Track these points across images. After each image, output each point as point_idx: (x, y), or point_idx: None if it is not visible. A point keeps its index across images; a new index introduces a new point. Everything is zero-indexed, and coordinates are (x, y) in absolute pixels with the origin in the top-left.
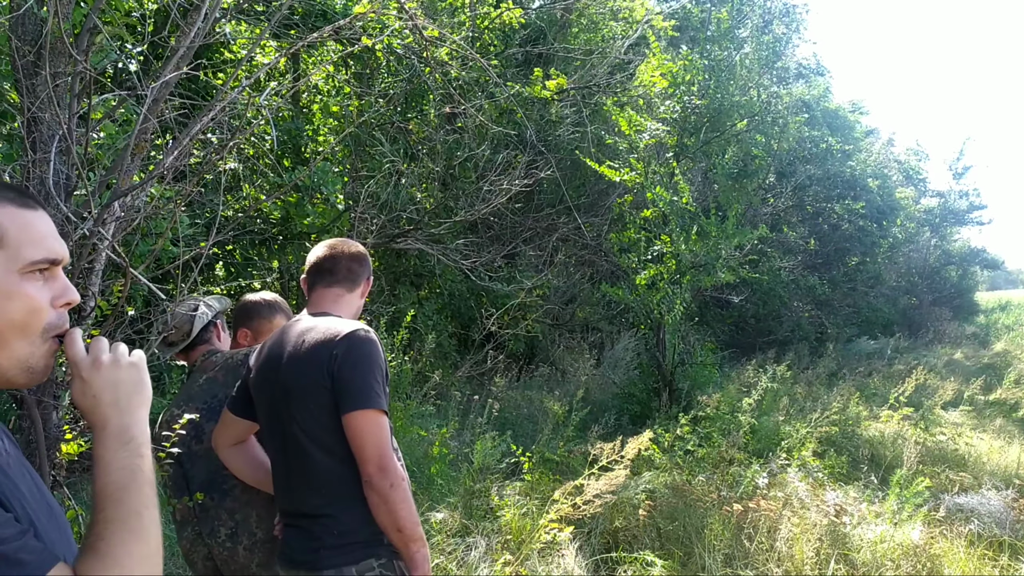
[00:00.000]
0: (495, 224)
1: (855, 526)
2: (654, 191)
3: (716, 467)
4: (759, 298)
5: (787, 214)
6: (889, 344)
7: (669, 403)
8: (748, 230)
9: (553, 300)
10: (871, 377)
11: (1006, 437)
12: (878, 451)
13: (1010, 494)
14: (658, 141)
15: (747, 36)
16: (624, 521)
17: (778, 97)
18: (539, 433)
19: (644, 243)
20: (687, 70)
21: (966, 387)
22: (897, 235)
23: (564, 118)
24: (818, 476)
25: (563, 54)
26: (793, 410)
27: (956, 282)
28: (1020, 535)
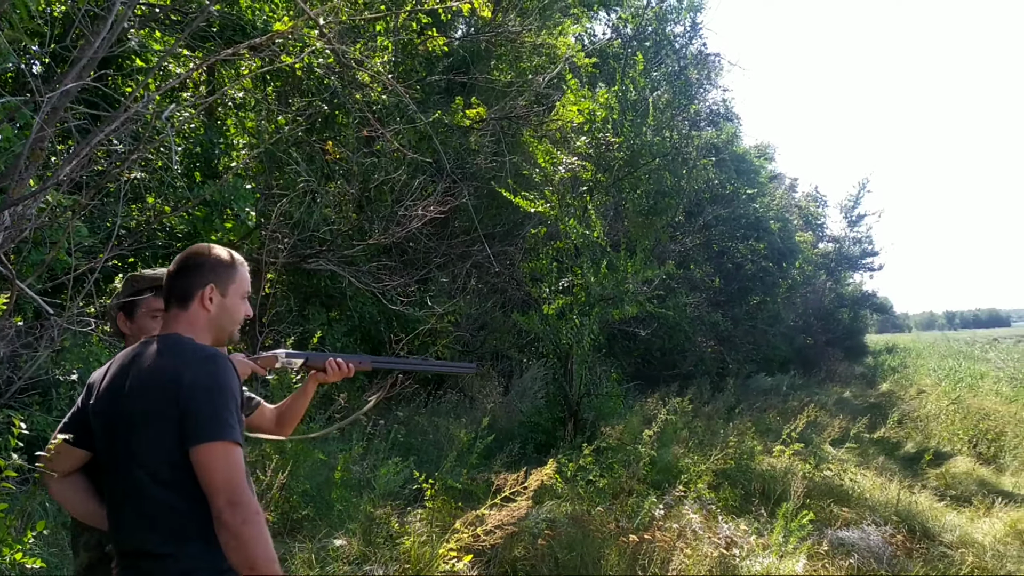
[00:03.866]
0: (409, 249)
1: (744, 558)
2: (567, 223)
3: (616, 498)
4: (665, 332)
5: (694, 252)
6: (785, 381)
7: (574, 433)
8: (656, 266)
9: (464, 327)
10: (767, 413)
11: (887, 474)
12: (769, 485)
13: (888, 530)
14: (573, 175)
15: (662, 79)
16: (523, 550)
17: (689, 139)
18: (443, 460)
19: (556, 274)
20: (603, 107)
21: (853, 425)
22: (795, 277)
23: (483, 147)
24: (712, 508)
25: (485, 84)
26: (692, 443)
27: (848, 324)
28: (897, 570)
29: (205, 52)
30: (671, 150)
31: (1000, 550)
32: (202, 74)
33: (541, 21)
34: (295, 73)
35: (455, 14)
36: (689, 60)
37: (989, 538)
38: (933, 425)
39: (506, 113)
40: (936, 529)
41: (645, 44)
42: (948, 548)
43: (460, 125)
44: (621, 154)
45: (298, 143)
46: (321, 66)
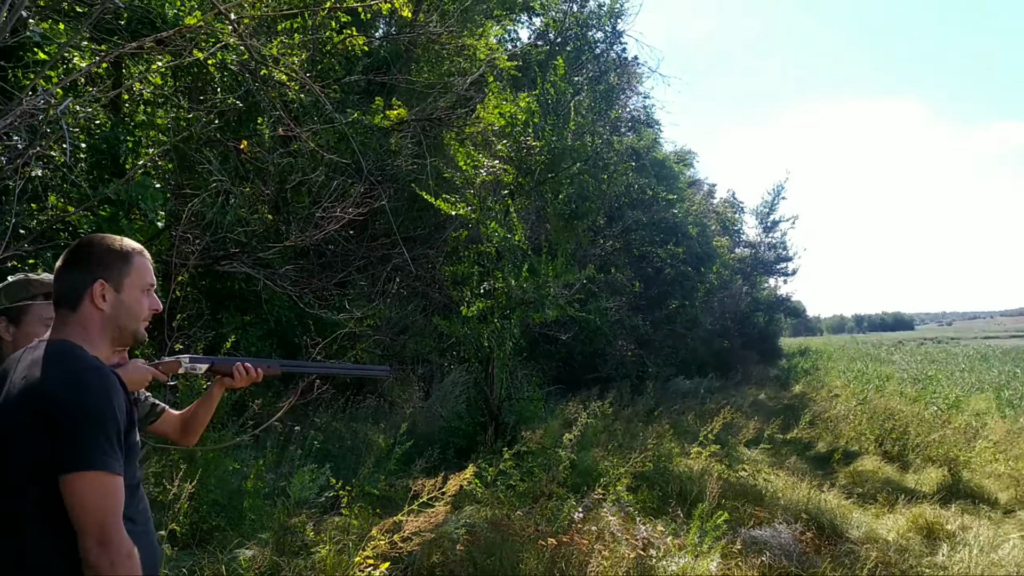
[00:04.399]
0: (327, 251)
1: (660, 559)
2: (488, 227)
3: (536, 501)
4: (586, 336)
5: (615, 256)
6: (703, 384)
7: (494, 437)
8: (577, 270)
9: (384, 331)
10: (685, 415)
11: (799, 474)
12: (686, 486)
13: (799, 527)
14: (495, 178)
15: (584, 84)
16: (442, 556)
17: (610, 144)
18: (361, 466)
19: (477, 277)
20: (524, 111)
21: (767, 426)
22: (713, 281)
23: (403, 149)
24: (630, 510)
25: (406, 85)
26: (612, 446)
27: (763, 327)
28: (806, 567)
29: (111, 45)
30: (592, 155)
31: (903, 545)
32: (108, 68)
33: (463, 23)
34: (208, 69)
35: (375, 13)
36: (610, 66)
37: (893, 534)
38: (842, 425)
39: (427, 115)
40: (843, 526)
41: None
42: (854, 544)
43: (380, 126)
44: (542, 158)
45: (211, 141)
46: (235, 63)
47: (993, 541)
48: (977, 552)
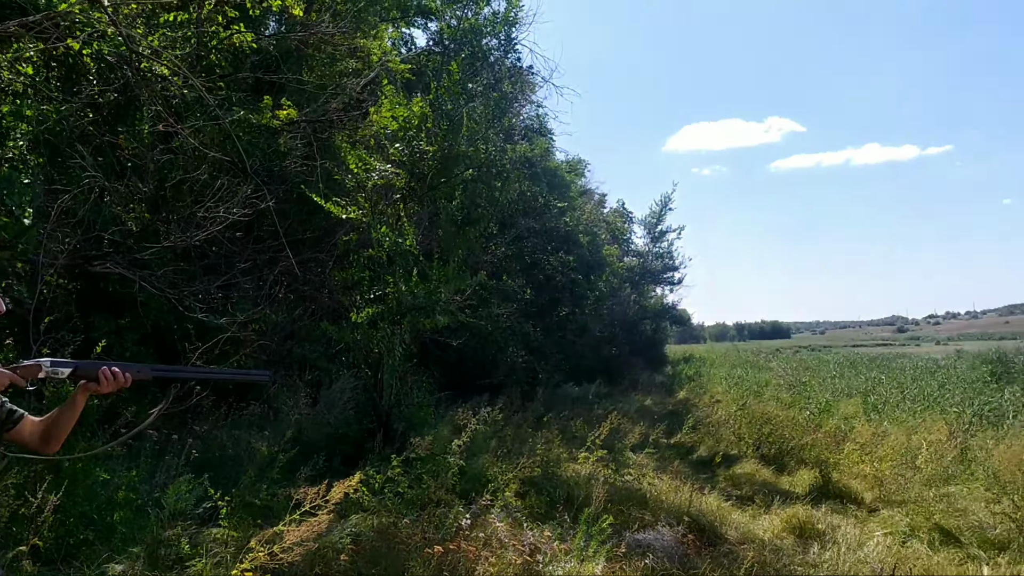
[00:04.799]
0: (211, 253)
1: (547, 564)
2: (380, 231)
3: (424, 509)
4: (478, 342)
5: (506, 263)
6: (591, 390)
7: (383, 444)
8: (468, 276)
9: (270, 336)
10: (574, 421)
11: (681, 477)
12: (574, 491)
13: (681, 530)
14: (387, 182)
15: (478, 91)
16: (325, 567)
17: (504, 151)
18: (243, 476)
19: (367, 282)
20: (418, 115)
21: (652, 431)
22: (603, 289)
23: (293, 150)
24: (518, 516)
25: (296, 85)
26: (502, 452)
27: (650, 335)
28: (687, 568)
29: None
30: (485, 161)
31: (777, 544)
32: None
33: (356, 24)
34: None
35: (266, 10)
36: (504, 74)
37: (768, 534)
38: (723, 430)
39: (318, 116)
40: (723, 528)
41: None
42: (733, 545)
43: (269, 126)
44: (435, 163)
45: (85, 136)
46: (112, 54)
47: (859, 539)
48: (845, 550)
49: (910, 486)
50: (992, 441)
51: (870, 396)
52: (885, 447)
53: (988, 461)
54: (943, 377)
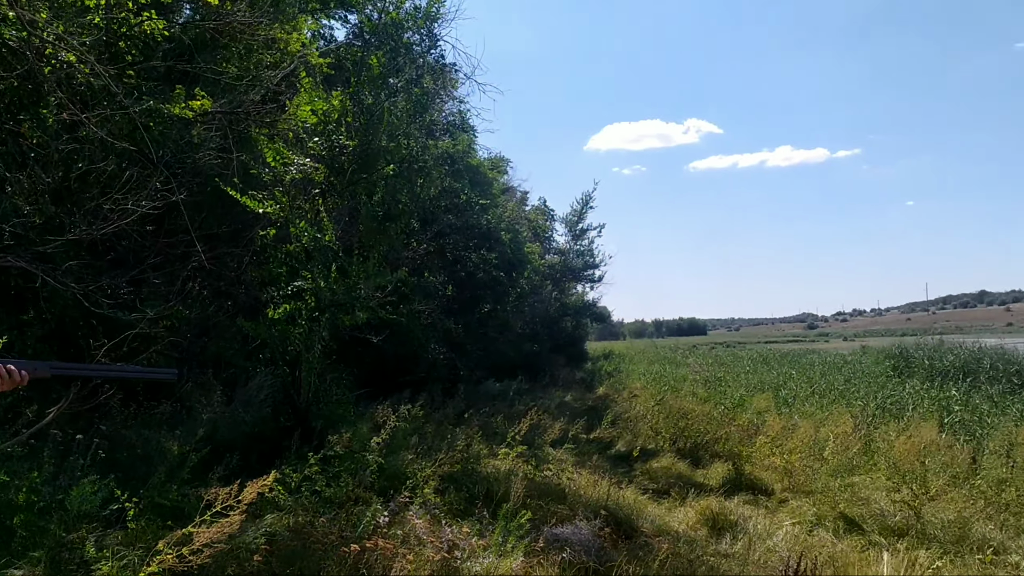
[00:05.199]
0: (119, 247)
1: (465, 560)
2: (298, 226)
3: (342, 507)
4: (398, 339)
5: (428, 259)
6: (512, 386)
7: (300, 442)
8: (389, 272)
9: (183, 333)
10: (494, 417)
11: (600, 472)
12: (493, 487)
13: (598, 524)
14: (305, 176)
15: (399, 86)
16: (237, 568)
17: (425, 147)
18: (152, 476)
19: (285, 278)
20: (338, 109)
21: (572, 427)
22: (524, 286)
23: (207, 142)
24: (437, 513)
25: (211, 76)
26: (422, 448)
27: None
28: (604, 561)
29: None
30: (407, 157)
31: (691, 536)
32: None
33: (274, 14)
34: None
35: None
36: (426, 69)
37: (683, 526)
38: (641, 425)
39: (234, 108)
40: (639, 521)
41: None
42: (648, 537)
43: (182, 116)
44: (355, 158)
45: None
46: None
47: (769, 529)
48: (755, 540)
49: (817, 477)
50: (894, 433)
51: (781, 391)
52: (794, 440)
53: (889, 452)
54: (849, 372)
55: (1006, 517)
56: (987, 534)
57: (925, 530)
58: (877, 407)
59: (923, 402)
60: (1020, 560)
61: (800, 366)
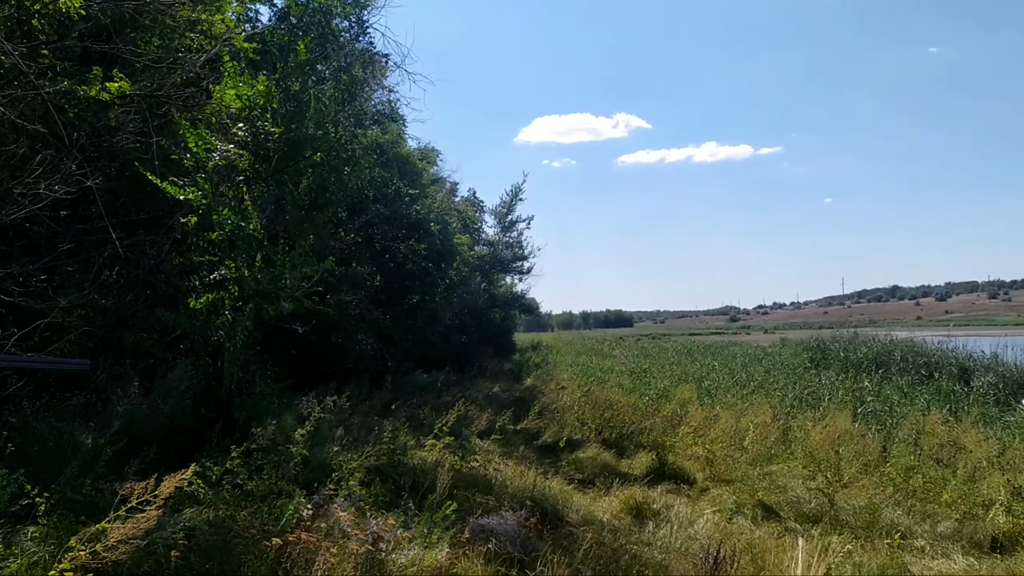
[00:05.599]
0: (31, 232)
1: (390, 552)
2: (221, 214)
3: (264, 500)
4: (325, 330)
5: (356, 249)
6: (440, 377)
7: (222, 435)
8: (316, 262)
9: (98, 322)
10: (422, 408)
11: (527, 462)
12: (419, 478)
13: (523, 514)
14: (229, 163)
15: (327, 73)
16: (154, 564)
17: (354, 136)
18: (65, 470)
19: (208, 267)
20: (263, 95)
21: (499, 418)
22: (453, 277)
23: (125, 125)
24: (362, 505)
25: (130, 57)
26: (348, 440)
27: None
28: (528, 550)
29: None
30: (334, 145)
31: (616, 524)
32: None
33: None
34: None
35: None
36: (355, 57)
37: (607, 515)
38: (568, 415)
39: (154, 91)
40: (565, 510)
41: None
42: (574, 527)
43: (99, 99)
44: (281, 145)
45: None
46: None
47: (690, 517)
48: (677, 527)
49: (737, 466)
50: (810, 423)
51: (704, 382)
52: (716, 430)
53: (806, 441)
54: (769, 364)
55: (913, 503)
56: (895, 519)
57: (838, 516)
58: (795, 398)
59: (838, 393)
60: (925, 544)
61: (722, 358)
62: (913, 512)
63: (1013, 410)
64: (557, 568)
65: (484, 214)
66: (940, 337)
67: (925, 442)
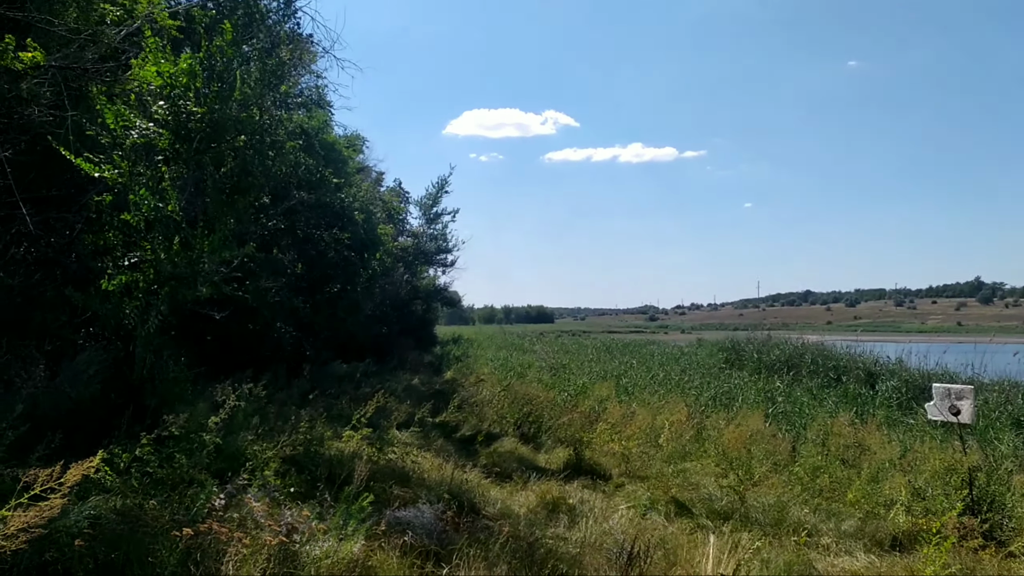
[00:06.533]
0: None
1: (304, 543)
2: (138, 193)
3: (175, 489)
4: (244, 316)
5: (278, 236)
6: (360, 368)
7: (132, 421)
8: (235, 246)
9: (4, 300)
10: (340, 399)
11: (445, 455)
12: (336, 469)
13: (440, 507)
14: (148, 142)
15: (253, 54)
16: (56, 553)
17: (279, 120)
18: None
19: (122, 248)
20: (186, 73)
21: (418, 410)
22: (376, 268)
23: (38, 97)
24: (277, 495)
25: (46, 27)
26: (263, 429)
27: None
28: (444, 543)
29: None
30: (259, 129)
31: (532, 518)
32: None
33: None
34: None
35: None
36: (283, 40)
37: (524, 509)
38: (487, 409)
39: (70, 63)
40: (482, 503)
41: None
42: (490, 520)
43: (11, 68)
44: (203, 125)
45: None
46: None
47: (606, 512)
48: (592, 522)
49: (652, 463)
50: (723, 421)
51: (622, 379)
52: (633, 426)
53: (719, 440)
54: (685, 363)
55: (819, 502)
56: (802, 517)
57: (748, 513)
58: (710, 397)
59: (751, 393)
60: (830, 542)
61: (640, 356)
62: (819, 511)
63: (915, 413)
64: (473, 562)
65: (409, 205)
66: (849, 341)
67: (832, 443)
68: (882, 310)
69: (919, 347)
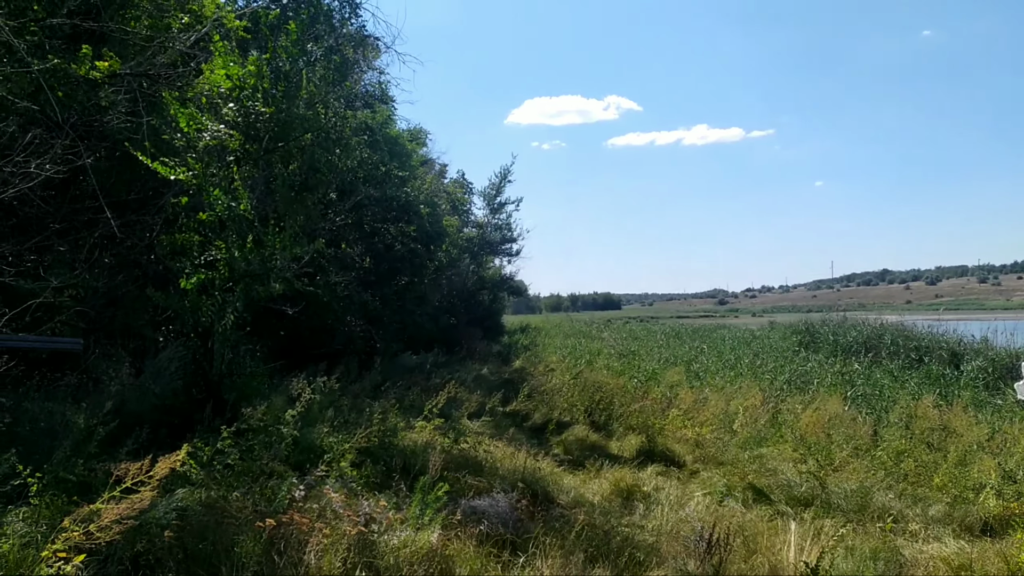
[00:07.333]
0: (21, 212)
1: (382, 533)
2: (212, 194)
3: (256, 481)
4: (315, 311)
5: (346, 231)
6: (429, 359)
7: (213, 415)
8: (305, 243)
9: (89, 302)
10: (411, 390)
11: (516, 444)
12: (410, 460)
13: (515, 496)
14: (219, 143)
15: (318, 53)
16: (147, 544)
17: (344, 117)
18: (57, 450)
19: (198, 247)
20: (254, 75)
21: (488, 400)
22: (442, 259)
23: (116, 105)
24: (353, 486)
25: (120, 36)
26: (338, 422)
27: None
28: (520, 532)
29: None
30: (325, 126)
31: (606, 507)
32: None
33: None
34: None
35: None
36: (346, 38)
37: (598, 497)
38: (557, 397)
39: (145, 70)
40: (555, 492)
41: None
42: (564, 509)
43: (88, 77)
44: (271, 125)
45: None
46: None
47: (681, 499)
48: (668, 510)
49: (727, 449)
50: (800, 406)
51: (693, 364)
52: (705, 412)
53: (796, 424)
54: (758, 347)
55: (904, 487)
56: (887, 503)
57: (830, 500)
58: (784, 381)
59: (828, 376)
60: (918, 528)
61: (711, 341)
62: (904, 496)
63: (1003, 394)
64: (549, 550)
65: (473, 196)
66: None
67: (916, 426)
68: (965, 287)
69: (1006, 325)
